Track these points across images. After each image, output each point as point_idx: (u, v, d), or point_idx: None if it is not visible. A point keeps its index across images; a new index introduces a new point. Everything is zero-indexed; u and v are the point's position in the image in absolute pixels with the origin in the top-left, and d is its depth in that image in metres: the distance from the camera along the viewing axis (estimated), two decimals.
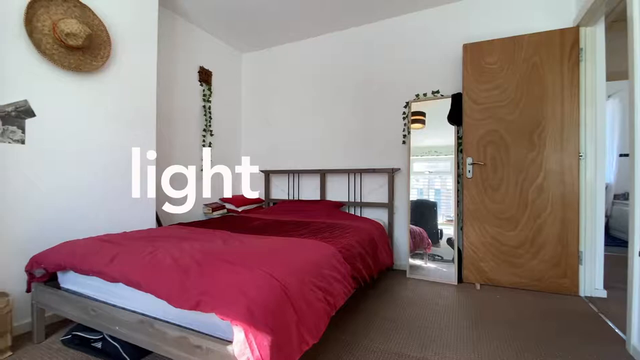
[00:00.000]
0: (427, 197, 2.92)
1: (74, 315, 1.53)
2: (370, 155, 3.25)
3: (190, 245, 1.51)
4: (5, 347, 1.56)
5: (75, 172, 2.06)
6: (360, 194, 3.24)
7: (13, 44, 1.78)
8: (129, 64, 2.38)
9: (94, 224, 2.15)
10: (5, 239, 1.75)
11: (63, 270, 1.58)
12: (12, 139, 1.78)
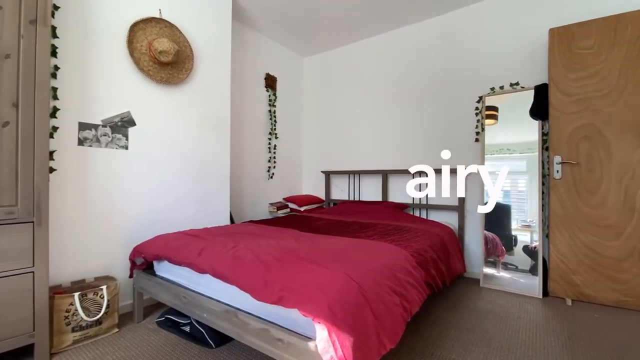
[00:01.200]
0: (502, 200, 2.67)
1: (167, 300, 1.72)
2: (437, 155, 3.08)
3: (266, 242, 1.59)
4: (113, 324, 1.81)
5: (165, 173, 2.33)
6: (427, 195, 3.10)
7: (119, 64, 2.08)
8: (207, 75, 2.61)
9: (180, 220, 2.40)
10: (113, 232, 2.05)
11: (159, 260, 1.79)
12: (119, 145, 2.07)
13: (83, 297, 1.67)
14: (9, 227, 1.41)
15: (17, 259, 1.43)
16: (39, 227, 1.48)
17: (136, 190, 2.16)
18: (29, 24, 1.46)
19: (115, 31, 2.05)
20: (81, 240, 1.90)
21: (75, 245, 1.88)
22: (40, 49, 1.48)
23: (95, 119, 1.96)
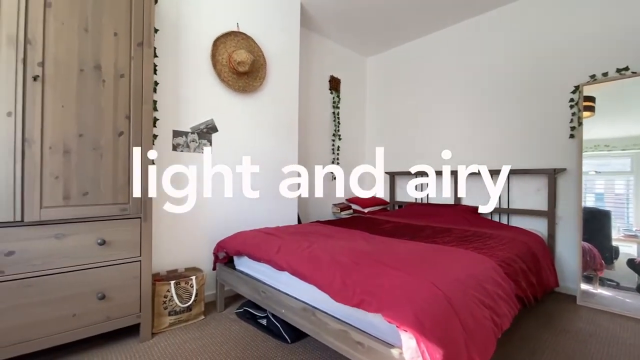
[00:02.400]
0: (594, 204, 2.30)
1: (247, 293, 1.84)
2: (521, 154, 2.78)
3: (339, 244, 1.60)
4: (200, 311, 2.01)
5: (241, 175, 2.50)
6: (507, 199, 2.81)
7: (204, 76, 2.29)
8: (277, 81, 2.74)
9: (255, 218, 2.56)
10: (199, 228, 2.26)
11: (239, 255, 1.93)
12: (204, 150, 2.29)
13: (177, 285, 1.88)
14: (123, 221, 1.65)
15: (128, 249, 1.67)
16: (145, 222, 1.71)
17: (218, 190, 2.36)
18: (137, 47, 1.69)
19: (200, 47, 2.27)
20: (174, 234, 2.14)
21: (170, 238, 2.12)
22: (145, 68, 1.71)
23: (185, 127, 2.20)
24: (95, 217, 1.56)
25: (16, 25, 1.35)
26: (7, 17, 1.33)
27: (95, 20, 1.55)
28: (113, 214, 1.61)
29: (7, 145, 1.33)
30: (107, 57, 1.59)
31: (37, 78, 1.39)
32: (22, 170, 1.36)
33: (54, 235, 1.45)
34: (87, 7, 1.53)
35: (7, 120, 1.33)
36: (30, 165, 1.38)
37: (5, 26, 1.33)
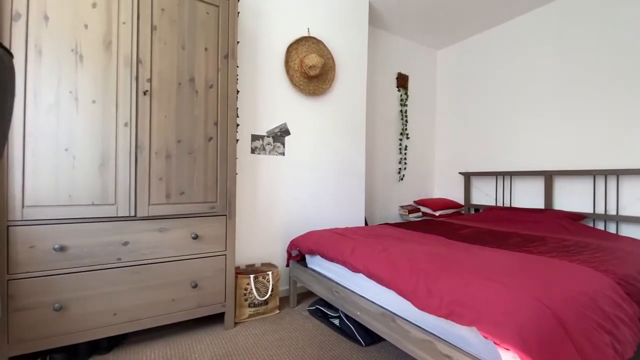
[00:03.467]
0: None
1: (319, 291, 1.88)
2: (634, 149, 2.34)
3: (417, 248, 1.53)
4: (275, 305, 2.11)
5: (311, 175, 2.57)
6: (617, 204, 2.39)
7: (278, 82, 2.41)
8: (346, 82, 2.75)
9: (324, 218, 2.61)
10: (273, 226, 2.39)
11: (312, 254, 1.98)
12: (278, 152, 2.40)
13: (256, 279, 2.00)
14: (212, 218, 1.82)
15: (216, 244, 1.83)
16: (230, 219, 1.86)
17: (290, 190, 2.46)
18: (223, 59, 1.84)
19: (275, 55, 2.39)
20: (251, 231, 2.29)
21: (248, 235, 2.28)
22: (230, 78, 1.86)
23: (262, 131, 2.34)
24: (189, 214, 1.75)
25: (130, 48, 1.58)
26: (124, 42, 1.57)
27: (190, 38, 1.74)
28: (203, 211, 1.79)
29: (125, 152, 1.56)
30: (199, 70, 1.77)
31: (146, 92, 1.61)
32: (135, 172, 1.59)
33: (158, 229, 1.66)
34: (184, 27, 1.72)
35: (124, 130, 1.57)
36: (141, 168, 1.61)
37: (122, 49, 1.57)
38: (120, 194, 1.56)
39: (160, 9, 1.65)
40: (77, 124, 1.47)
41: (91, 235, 1.50)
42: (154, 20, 1.63)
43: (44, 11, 1.42)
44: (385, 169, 3.46)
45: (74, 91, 1.47)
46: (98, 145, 1.51)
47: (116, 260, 1.56)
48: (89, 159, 1.50)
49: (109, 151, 1.53)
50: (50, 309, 1.42)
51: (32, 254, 1.39)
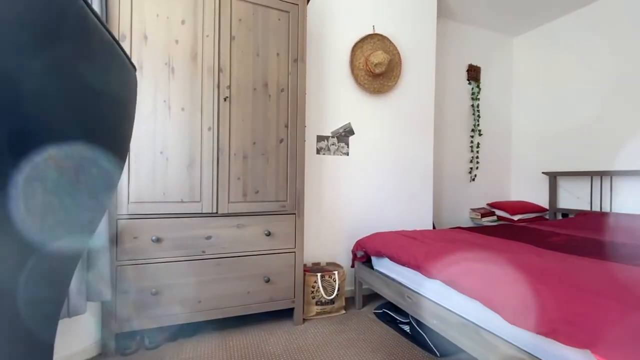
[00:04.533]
0: None
1: (388, 295, 1.83)
2: None
3: (503, 257, 1.39)
4: (341, 306, 2.11)
5: (376, 175, 2.52)
6: None
7: (343, 82, 2.41)
8: (412, 78, 2.64)
9: (388, 219, 2.54)
10: (338, 226, 2.39)
11: (379, 256, 1.93)
12: (342, 153, 2.41)
13: (323, 278, 2.03)
14: (282, 216, 1.89)
15: (286, 241, 1.89)
16: (299, 218, 1.91)
17: (354, 190, 2.44)
18: (293, 63, 1.90)
19: (339, 55, 2.39)
20: (317, 230, 2.33)
21: (314, 233, 2.32)
22: (300, 81, 1.91)
23: (327, 132, 2.36)
24: (263, 212, 1.84)
25: (212, 58, 1.72)
26: (207, 53, 1.71)
27: (263, 45, 1.83)
28: (275, 209, 1.86)
29: (209, 154, 1.71)
30: (271, 75, 1.85)
31: (226, 99, 1.74)
32: (217, 173, 1.72)
33: (236, 225, 1.78)
34: (259, 35, 1.82)
35: (208, 134, 1.71)
36: (222, 169, 1.73)
37: (206, 60, 1.71)
38: (205, 192, 1.70)
39: (238, 20, 1.76)
40: (169, 129, 1.64)
41: (181, 229, 1.67)
42: (232, 31, 1.75)
43: (144, 32, 1.61)
44: (454, 169, 3.24)
45: (167, 100, 1.64)
46: (186, 148, 1.67)
47: (201, 252, 1.71)
48: (179, 161, 1.66)
49: (195, 153, 1.69)
50: (149, 294, 1.61)
51: (135, 244, 1.60)
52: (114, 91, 0.50)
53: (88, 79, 0.41)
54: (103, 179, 0.49)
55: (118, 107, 0.52)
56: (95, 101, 0.43)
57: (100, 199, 0.51)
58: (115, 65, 0.49)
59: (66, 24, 0.34)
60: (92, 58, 0.41)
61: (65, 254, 0.46)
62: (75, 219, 0.45)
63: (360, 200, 2.47)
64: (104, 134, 0.47)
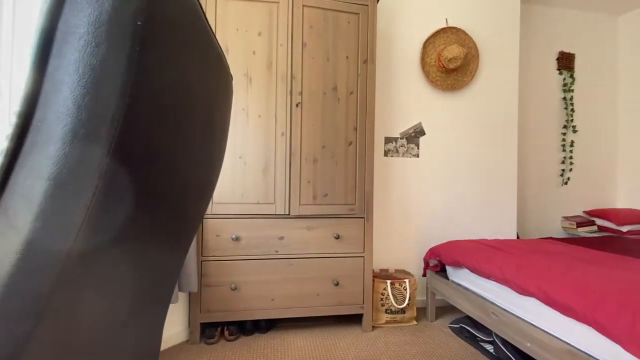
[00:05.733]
0: None
1: (467, 309, 1.67)
2: None
3: (620, 274, 1.16)
4: (412, 316, 2.00)
5: (450, 178, 2.35)
6: None
7: (413, 81, 2.31)
8: (492, 71, 2.41)
9: (464, 226, 2.34)
10: (407, 232, 2.29)
11: (456, 266, 1.78)
12: (412, 154, 2.30)
13: (392, 285, 1.95)
14: (351, 220, 1.87)
15: (354, 245, 1.87)
16: (367, 222, 1.87)
17: (425, 194, 2.31)
18: (363, 64, 1.88)
19: (409, 53, 2.30)
20: (385, 235, 2.25)
21: (381, 238, 2.25)
22: (369, 82, 1.88)
23: (395, 133, 2.28)
24: (331, 215, 1.84)
25: (286, 66, 1.78)
26: (281, 62, 1.78)
27: (333, 49, 1.84)
28: (344, 213, 1.85)
29: (282, 158, 1.77)
30: (341, 79, 1.85)
31: (298, 104, 1.79)
32: (289, 176, 1.78)
33: (306, 227, 1.81)
34: (328, 39, 1.84)
35: (281, 139, 1.78)
36: (294, 172, 1.79)
37: (280, 68, 1.78)
38: (278, 195, 1.77)
39: (309, 26, 1.81)
40: (247, 135, 1.75)
41: (257, 229, 1.76)
42: (304, 38, 1.80)
43: (225, 44, 1.75)
44: (541, 171, 2.86)
45: (246, 108, 1.75)
46: (262, 153, 1.76)
47: (274, 252, 1.78)
48: (255, 165, 1.76)
49: (269, 157, 1.77)
50: (228, 288, 1.73)
51: (218, 241, 1.73)
52: (221, 98, 0.53)
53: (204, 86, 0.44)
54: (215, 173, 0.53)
55: (226, 112, 0.55)
56: (210, 108, 0.47)
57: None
58: (223, 75, 0.52)
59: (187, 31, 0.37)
60: (208, 68, 0.44)
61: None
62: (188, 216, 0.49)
63: (432, 205, 2.32)
64: (215, 139, 0.50)
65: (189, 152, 0.40)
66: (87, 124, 0.25)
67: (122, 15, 0.25)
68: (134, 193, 0.30)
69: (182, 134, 0.37)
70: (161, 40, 0.30)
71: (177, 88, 0.34)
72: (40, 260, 0.25)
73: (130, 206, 0.30)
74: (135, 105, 0.28)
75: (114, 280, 0.36)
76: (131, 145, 0.28)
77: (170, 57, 0.32)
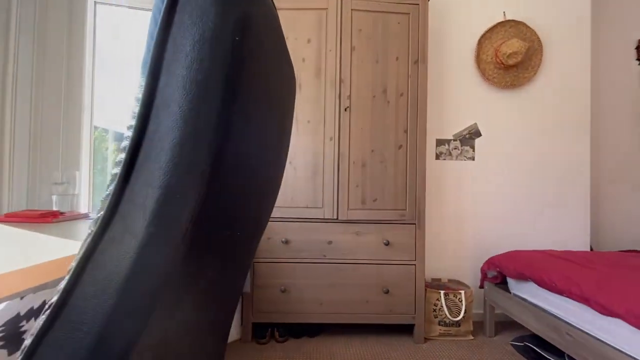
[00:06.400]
0: None
1: (533, 326, 1.52)
2: None
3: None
4: (468, 330, 1.87)
5: (510, 183, 2.17)
6: None
7: (467, 79, 2.18)
8: (558, 65, 2.19)
9: (528, 237, 2.15)
10: (462, 240, 2.15)
11: (520, 279, 1.63)
12: (466, 157, 2.16)
13: (446, 296, 1.84)
14: (401, 226, 1.81)
15: (405, 252, 1.80)
16: (419, 228, 1.80)
17: (481, 199, 2.16)
18: (414, 64, 1.82)
19: (463, 50, 2.18)
20: (437, 242, 2.14)
21: (433, 245, 2.14)
22: (420, 83, 1.81)
23: (448, 135, 2.17)
24: (381, 220, 1.80)
25: (334, 71, 1.79)
26: (330, 67, 1.79)
27: (382, 51, 1.81)
28: (393, 218, 1.80)
29: (331, 163, 1.78)
30: (391, 81, 1.81)
31: (347, 109, 1.78)
32: (337, 180, 1.78)
33: (355, 232, 1.79)
34: (378, 41, 1.81)
35: (329, 144, 1.78)
36: (342, 176, 1.78)
37: (329, 73, 1.79)
38: (327, 199, 1.77)
39: (358, 30, 1.80)
40: (297, 140, 1.78)
41: (305, 233, 1.78)
42: (352, 42, 1.79)
43: None
44: (617, 173, 2.52)
45: (296, 114, 1.79)
46: (310, 158, 1.78)
47: (322, 256, 1.78)
48: (304, 169, 1.78)
49: (318, 162, 1.78)
50: (278, 290, 1.77)
51: (269, 243, 1.78)
52: (290, 105, 0.54)
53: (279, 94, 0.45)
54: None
55: (292, 119, 0.56)
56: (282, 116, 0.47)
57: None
58: (292, 82, 0.53)
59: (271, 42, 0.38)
60: (283, 76, 0.45)
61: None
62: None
63: (489, 212, 2.16)
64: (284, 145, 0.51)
65: (267, 158, 0.42)
66: (193, 137, 0.26)
67: (223, 32, 0.27)
68: (229, 199, 0.31)
69: (264, 142, 0.38)
70: (252, 53, 0.31)
71: (263, 98, 0.35)
72: (152, 263, 0.26)
73: (224, 212, 0.32)
74: (231, 117, 0.29)
75: (201, 286, 0.37)
76: (227, 154, 0.30)
77: (259, 69, 0.33)
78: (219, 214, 0.32)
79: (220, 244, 0.36)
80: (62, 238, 0.71)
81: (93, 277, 0.26)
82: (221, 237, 0.35)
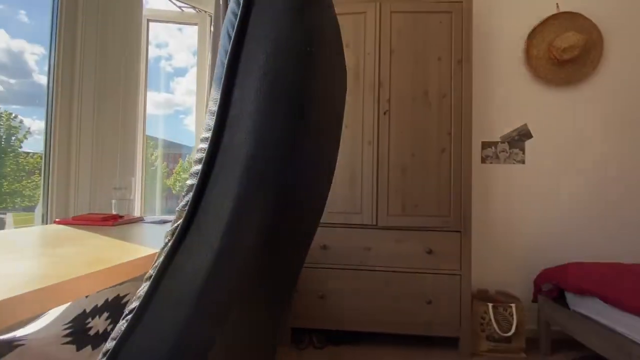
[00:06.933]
0: None
1: (598, 346, 1.37)
2: None
3: None
4: (520, 347, 1.73)
5: (566, 188, 1.99)
6: None
7: (515, 78, 2.04)
8: (621, 58, 1.98)
9: (587, 247, 1.95)
10: (510, 249, 2.01)
11: (582, 294, 1.48)
12: (515, 160, 2.02)
13: (495, 309, 1.72)
14: (445, 233, 1.72)
15: (449, 262, 1.71)
16: (464, 236, 1.70)
17: (533, 206, 2.00)
18: (457, 64, 1.74)
19: (510, 46, 2.05)
20: (483, 251, 2.01)
21: (480, 255, 2.01)
22: (465, 83, 1.73)
23: (494, 137, 2.04)
24: (422, 227, 1.73)
25: (373, 74, 1.76)
26: (368, 70, 1.77)
27: (423, 52, 1.75)
28: (436, 225, 1.72)
29: (369, 167, 1.74)
30: (432, 82, 1.75)
31: (386, 112, 1.74)
32: (377, 185, 1.74)
33: (395, 239, 1.74)
34: (418, 42, 1.76)
35: (368, 148, 1.75)
36: (382, 181, 1.74)
37: (367, 77, 1.77)
38: (365, 205, 1.74)
39: (398, 32, 1.76)
40: None
41: (343, 239, 1.76)
42: (392, 44, 1.76)
43: None
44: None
45: None
46: (348, 162, 1.76)
47: (360, 263, 1.74)
48: (342, 174, 1.77)
49: (356, 167, 1.76)
50: (316, 296, 1.76)
51: None
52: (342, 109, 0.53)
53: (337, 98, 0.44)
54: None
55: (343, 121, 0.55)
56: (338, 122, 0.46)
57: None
58: (345, 86, 0.52)
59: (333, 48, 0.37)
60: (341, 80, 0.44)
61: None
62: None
63: (541, 219, 2.00)
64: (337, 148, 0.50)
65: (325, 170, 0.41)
66: (265, 148, 0.26)
67: (295, 44, 0.26)
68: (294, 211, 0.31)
69: (325, 155, 0.37)
70: (321, 62, 0.30)
71: (328, 109, 0.34)
72: (227, 273, 0.26)
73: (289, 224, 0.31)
74: (300, 128, 0.28)
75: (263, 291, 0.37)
76: (294, 167, 0.29)
77: (325, 76, 0.32)
78: (284, 227, 0.32)
79: (282, 257, 0.36)
80: (123, 241, 0.76)
81: (170, 286, 0.26)
82: (284, 249, 0.35)
